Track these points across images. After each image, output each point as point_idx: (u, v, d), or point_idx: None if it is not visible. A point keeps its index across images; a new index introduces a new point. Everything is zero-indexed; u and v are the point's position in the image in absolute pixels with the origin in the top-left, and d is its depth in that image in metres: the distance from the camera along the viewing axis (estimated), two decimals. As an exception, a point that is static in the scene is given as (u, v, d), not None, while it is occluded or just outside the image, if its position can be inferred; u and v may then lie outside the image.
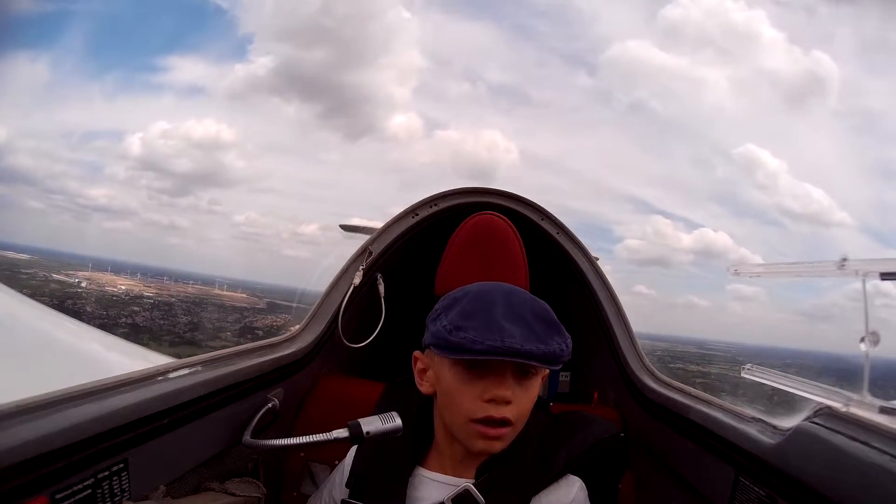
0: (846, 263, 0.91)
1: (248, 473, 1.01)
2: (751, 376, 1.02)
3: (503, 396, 0.76)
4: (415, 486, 0.84)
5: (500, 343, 0.73)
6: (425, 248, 1.39)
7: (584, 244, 1.47)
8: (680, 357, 33.88)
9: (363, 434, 0.81)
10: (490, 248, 1.21)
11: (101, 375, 0.69)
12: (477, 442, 0.79)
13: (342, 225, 2.00)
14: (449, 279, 1.20)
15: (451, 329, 0.76)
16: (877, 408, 0.72)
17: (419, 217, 1.47)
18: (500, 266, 1.19)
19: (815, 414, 0.70)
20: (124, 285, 33.47)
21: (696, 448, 0.94)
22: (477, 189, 1.50)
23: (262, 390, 1.03)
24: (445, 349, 0.77)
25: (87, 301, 29.13)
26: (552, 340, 0.77)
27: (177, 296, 33.76)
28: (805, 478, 0.66)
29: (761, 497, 0.74)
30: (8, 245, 36.33)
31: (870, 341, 0.85)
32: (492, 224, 1.24)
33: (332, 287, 1.37)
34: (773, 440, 0.74)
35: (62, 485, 0.59)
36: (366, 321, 1.38)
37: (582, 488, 0.85)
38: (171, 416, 0.76)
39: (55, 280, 31.45)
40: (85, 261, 38.22)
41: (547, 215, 1.48)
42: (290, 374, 1.15)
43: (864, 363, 0.82)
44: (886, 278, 0.86)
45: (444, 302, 0.83)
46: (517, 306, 0.79)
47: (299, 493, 1.19)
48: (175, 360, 0.88)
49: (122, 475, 0.67)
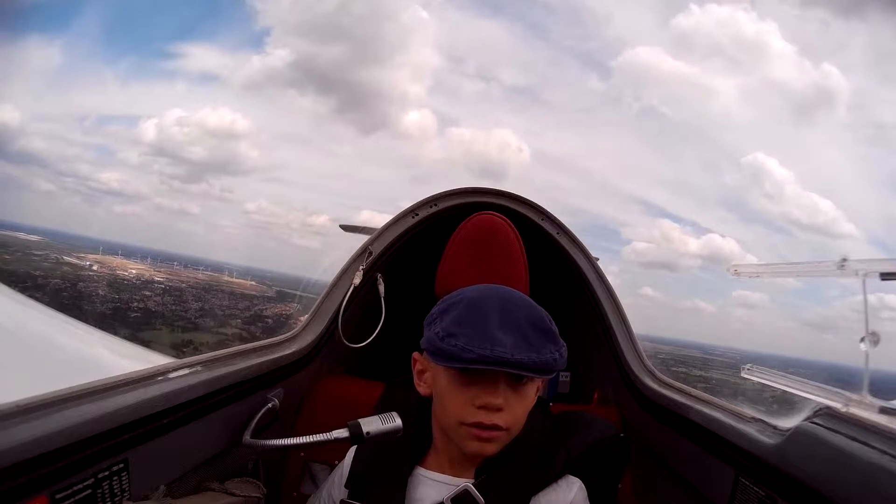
0: (846, 263, 0.91)
1: (248, 473, 1.01)
2: (751, 376, 1.02)
3: (493, 404, 0.76)
4: (414, 486, 0.84)
5: (489, 352, 0.73)
6: (425, 248, 1.39)
7: (584, 244, 1.47)
8: (683, 361, 33.67)
9: (363, 434, 0.81)
10: (490, 249, 1.21)
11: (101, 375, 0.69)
12: (469, 444, 0.79)
13: (342, 225, 2.00)
14: (449, 279, 1.20)
15: (444, 336, 0.76)
16: (877, 408, 0.72)
17: (419, 217, 1.47)
18: (500, 266, 1.19)
19: (815, 414, 0.70)
20: (135, 270, 33.36)
21: (696, 448, 0.94)
22: (477, 189, 1.50)
23: (262, 390, 1.03)
24: (436, 355, 0.78)
25: (99, 284, 29.09)
26: (545, 349, 0.76)
27: (187, 281, 33.65)
28: (805, 478, 0.66)
29: (761, 497, 0.74)
30: (19, 226, 36.30)
31: (870, 341, 0.85)
32: (492, 224, 1.24)
33: (332, 287, 1.37)
34: (773, 440, 0.74)
35: (62, 485, 0.59)
36: (366, 321, 1.38)
37: (581, 489, 0.85)
38: (171, 416, 0.76)
39: (67, 262, 31.34)
40: (95, 244, 38.19)
41: (547, 215, 1.48)
42: (290, 374, 1.15)
43: (864, 363, 0.82)
44: (886, 278, 0.86)
45: (440, 306, 0.83)
46: (512, 314, 0.79)
47: (299, 493, 1.19)
48: (175, 360, 0.88)
49: (122, 475, 0.67)
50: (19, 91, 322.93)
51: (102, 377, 0.70)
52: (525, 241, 1.23)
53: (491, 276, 1.14)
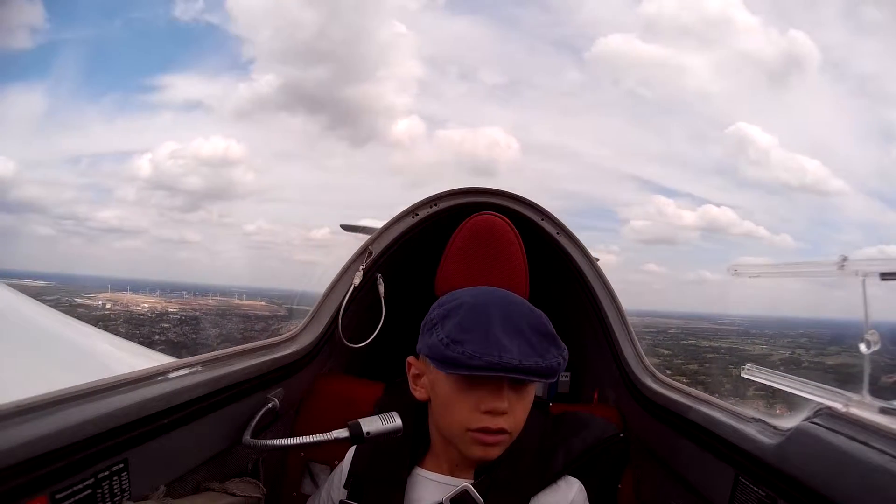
0: (846, 264, 0.91)
1: (248, 473, 1.01)
2: (750, 377, 1.02)
3: (500, 408, 0.76)
4: (413, 487, 0.84)
5: (497, 359, 0.72)
6: (425, 248, 1.39)
7: (584, 244, 1.47)
8: (692, 333, 33.58)
9: (363, 434, 0.81)
10: (490, 249, 1.21)
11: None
12: (474, 449, 0.78)
13: (343, 225, 2.00)
14: (449, 279, 1.20)
15: (449, 343, 0.75)
16: (877, 408, 0.72)
17: (419, 217, 1.47)
18: (501, 266, 1.19)
19: (815, 414, 0.70)
20: (146, 303, 33.74)
21: (696, 448, 0.94)
22: (477, 189, 1.50)
23: (262, 390, 1.03)
24: (442, 363, 0.76)
25: (117, 322, 29.34)
26: (549, 354, 0.76)
27: (200, 309, 33.98)
28: (805, 478, 0.66)
29: (761, 497, 0.74)
30: (23, 273, 36.61)
31: (871, 342, 0.85)
32: (492, 224, 1.24)
33: (332, 287, 1.37)
34: (773, 440, 0.74)
35: (62, 485, 0.59)
36: (366, 321, 1.38)
37: (581, 490, 0.85)
38: (171, 416, 0.76)
39: (80, 304, 31.63)
40: (103, 282, 38.66)
41: (547, 215, 1.48)
42: (290, 374, 1.15)
43: (864, 364, 0.82)
44: (887, 278, 0.86)
45: (439, 311, 0.81)
46: (515, 318, 0.78)
47: (299, 493, 1.19)
48: (175, 360, 0.88)
49: (122, 475, 0.67)
50: (8, 141, 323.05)
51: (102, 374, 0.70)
52: (525, 241, 1.23)
53: (491, 276, 1.14)
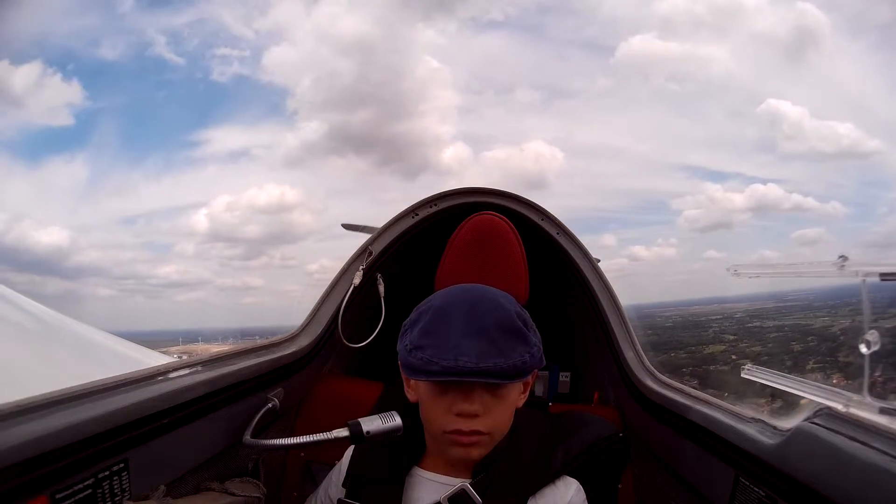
0: (846, 264, 0.91)
1: (248, 473, 1.01)
2: (750, 377, 1.02)
3: (469, 411, 0.76)
4: (411, 486, 0.84)
5: (453, 364, 0.73)
6: (425, 248, 1.39)
7: (584, 244, 1.47)
8: (757, 315, 33.23)
9: (363, 433, 0.81)
10: (490, 249, 1.21)
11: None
12: (453, 450, 0.79)
13: (344, 224, 2.00)
14: (448, 279, 1.19)
15: (411, 349, 0.77)
16: (877, 408, 0.72)
17: (419, 217, 1.47)
18: (500, 267, 1.19)
19: (815, 414, 0.70)
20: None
21: (696, 448, 0.94)
22: (477, 189, 1.50)
23: (262, 390, 1.03)
24: (407, 369, 0.78)
25: None
26: (514, 353, 0.76)
27: None
28: (805, 478, 0.66)
29: (761, 497, 0.74)
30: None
31: (871, 342, 0.85)
32: (491, 224, 1.24)
33: (332, 287, 1.37)
34: (773, 440, 0.74)
35: (62, 485, 0.59)
36: (366, 321, 1.38)
37: (580, 490, 0.85)
38: (171, 416, 0.76)
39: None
40: (173, 336, 38.66)
41: (547, 215, 1.48)
42: (290, 374, 1.15)
43: (864, 364, 0.82)
44: (887, 279, 0.86)
45: (412, 316, 0.83)
46: (480, 318, 0.78)
47: (299, 493, 1.19)
48: (175, 360, 0.89)
49: (122, 475, 0.67)
50: (57, 211, 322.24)
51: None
52: (525, 242, 1.23)
53: (491, 276, 1.14)
